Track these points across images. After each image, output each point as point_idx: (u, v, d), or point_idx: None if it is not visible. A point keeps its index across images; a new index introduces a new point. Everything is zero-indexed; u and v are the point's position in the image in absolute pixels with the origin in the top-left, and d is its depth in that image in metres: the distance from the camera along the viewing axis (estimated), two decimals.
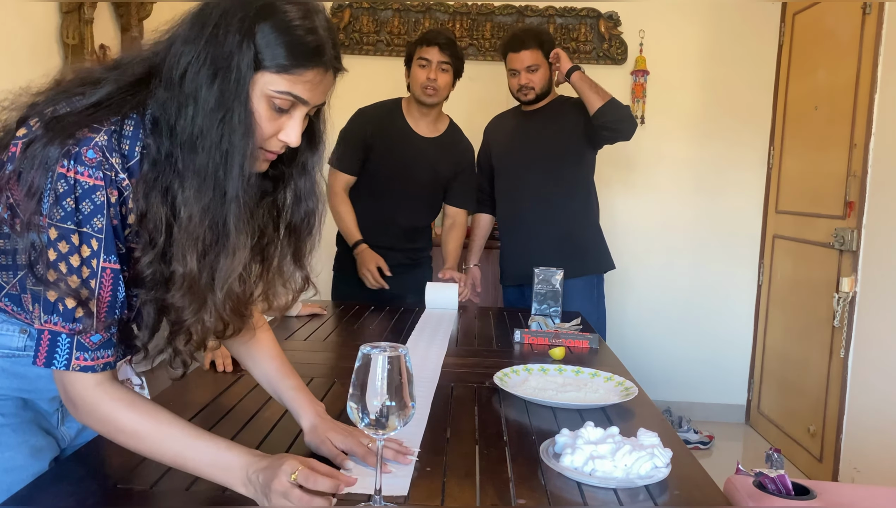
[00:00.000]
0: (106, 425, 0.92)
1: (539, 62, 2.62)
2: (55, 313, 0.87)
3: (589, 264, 2.73)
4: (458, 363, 1.74)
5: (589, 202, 2.78)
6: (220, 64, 0.88)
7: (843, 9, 3.01)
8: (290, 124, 0.95)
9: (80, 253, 0.87)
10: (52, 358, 0.89)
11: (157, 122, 0.91)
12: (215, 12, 0.89)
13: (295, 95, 0.92)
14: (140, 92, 0.92)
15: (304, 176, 1.05)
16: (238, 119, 0.89)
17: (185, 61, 0.89)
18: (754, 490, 1.56)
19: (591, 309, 2.65)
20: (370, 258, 2.49)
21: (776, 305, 3.61)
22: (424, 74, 2.46)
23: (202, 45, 0.88)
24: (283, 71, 0.90)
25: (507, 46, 2.67)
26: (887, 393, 2.55)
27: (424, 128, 2.58)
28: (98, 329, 0.89)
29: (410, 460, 1.11)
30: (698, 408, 3.79)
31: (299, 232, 1.06)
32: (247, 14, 0.88)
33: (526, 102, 2.69)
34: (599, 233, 2.81)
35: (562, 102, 2.73)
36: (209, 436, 0.94)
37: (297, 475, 0.88)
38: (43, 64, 2.59)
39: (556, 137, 2.68)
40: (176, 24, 0.93)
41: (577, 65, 2.61)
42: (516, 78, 2.65)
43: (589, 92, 2.56)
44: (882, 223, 2.66)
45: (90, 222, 0.87)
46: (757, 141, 3.76)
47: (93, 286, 0.88)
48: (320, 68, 0.93)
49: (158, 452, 0.92)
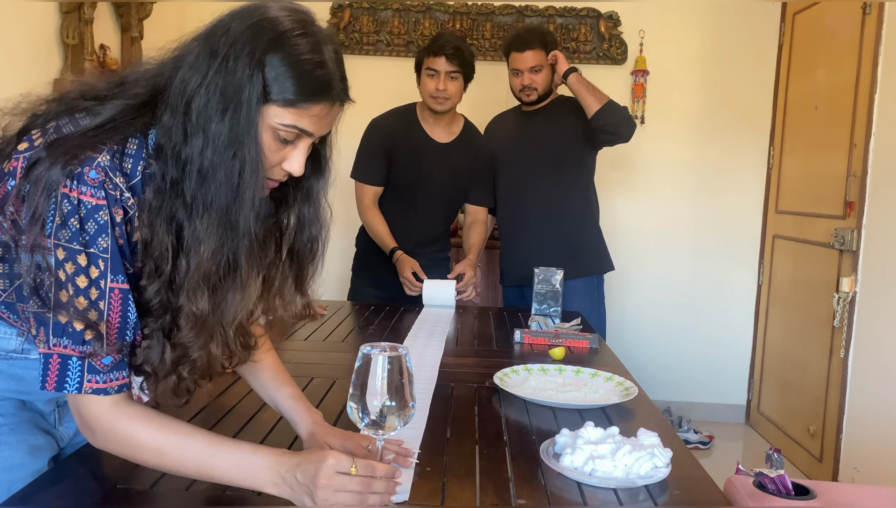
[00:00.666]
0: (125, 445, 0.91)
1: (542, 63, 2.62)
2: (65, 335, 0.86)
3: (589, 265, 2.73)
4: (457, 363, 1.74)
5: (589, 203, 2.77)
6: (231, 97, 0.87)
7: (843, 9, 3.01)
8: (295, 155, 0.94)
9: (87, 274, 0.86)
10: (63, 382, 0.88)
11: (162, 147, 0.90)
12: (224, 40, 0.88)
13: (301, 129, 0.92)
14: (144, 115, 0.92)
15: (309, 203, 1.04)
16: (248, 154, 0.89)
17: (192, 89, 0.88)
18: (754, 490, 1.56)
19: (592, 310, 2.64)
20: (406, 264, 2.49)
21: (776, 305, 3.61)
22: (434, 85, 2.46)
23: (211, 74, 0.88)
24: (290, 105, 0.90)
25: (510, 46, 2.66)
26: (887, 393, 2.55)
27: (440, 133, 2.58)
28: (109, 352, 0.88)
29: (411, 462, 1.10)
30: (698, 408, 3.79)
31: (302, 258, 1.06)
32: (257, 45, 0.88)
33: (528, 102, 2.69)
34: (599, 234, 2.81)
35: (562, 103, 2.73)
36: (232, 441, 0.93)
37: (355, 467, 0.88)
38: (43, 64, 2.59)
39: (557, 138, 2.68)
40: (182, 46, 0.93)
41: (573, 66, 2.61)
42: (519, 78, 2.65)
43: (586, 94, 2.55)
44: (882, 223, 2.66)
45: (96, 243, 0.87)
46: (757, 141, 3.76)
47: (101, 308, 0.87)
48: (327, 102, 0.93)
49: (183, 465, 0.91)
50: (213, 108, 0.87)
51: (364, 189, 2.59)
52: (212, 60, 0.88)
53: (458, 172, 2.61)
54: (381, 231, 2.56)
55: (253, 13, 0.90)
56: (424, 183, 2.57)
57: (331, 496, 0.87)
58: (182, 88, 0.89)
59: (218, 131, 0.87)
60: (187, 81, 0.89)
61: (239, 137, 0.88)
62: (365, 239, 2.66)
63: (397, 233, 2.57)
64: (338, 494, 0.88)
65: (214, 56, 0.88)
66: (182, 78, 0.89)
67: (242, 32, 0.88)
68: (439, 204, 2.64)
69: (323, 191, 1.05)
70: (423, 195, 2.59)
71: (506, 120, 2.85)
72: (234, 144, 0.88)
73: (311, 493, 0.88)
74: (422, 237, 2.62)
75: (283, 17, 0.90)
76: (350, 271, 2.76)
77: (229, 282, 0.92)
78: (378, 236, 2.57)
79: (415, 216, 2.60)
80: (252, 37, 0.88)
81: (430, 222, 2.65)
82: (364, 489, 0.89)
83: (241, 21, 0.90)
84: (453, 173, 2.60)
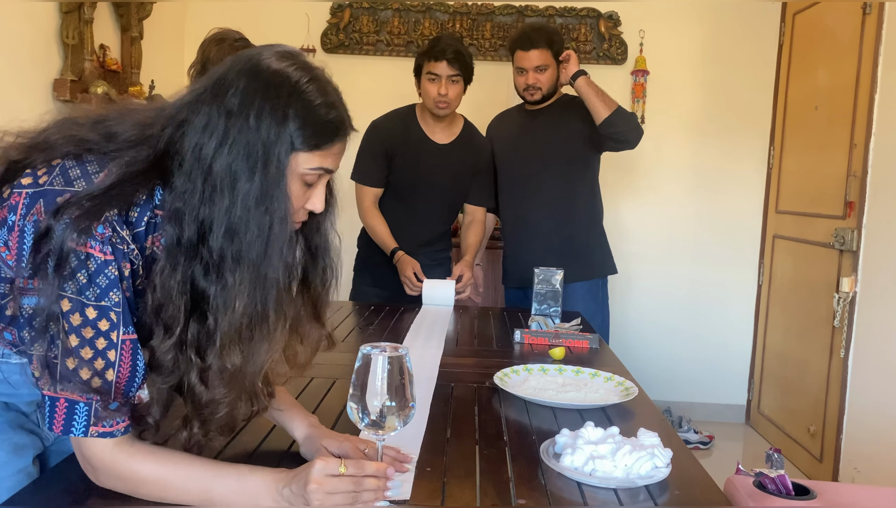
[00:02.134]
0: (127, 481, 0.92)
1: (548, 62, 2.57)
2: (71, 381, 0.87)
3: (593, 268, 2.70)
4: (457, 363, 1.74)
5: (594, 205, 2.74)
6: (258, 155, 0.89)
7: (843, 9, 3.01)
8: (317, 193, 0.98)
9: (94, 326, 0.87)
10: (69, 426, 0.89)
11: (178, 212, 0.90)
12: (238, 99, 0.90)
13: (326, 169, 0.96)
14: (151, 179, 0.92)
15: (318, 234, 1.06)
16: (278, 206, 0.91)
17: (211, 152, 0.89)
18: (754, 490, 1.56)
19: (595, 313, 2.63)
20: (407, 265, 2.49)
21: (776, 305, 3.61)
22: (435, 90, 2.46)
23: (234, 134, 0.89)
24: (316, 149, 0.93)
25: (516, 43, 2.60)
26: (887, 393, 2.55)
27: (440, 134, 2.58)
28: (116, 399, 0.89)
29: (407, 468, 1.10)
30: (698, 408, 3.79)
31: (317, 289, 1.07)
32: (277, 101, 0.90)
33: (531, 102, 2.65)
34: (603, 236, 2.78)
35: (567, 103, 2.68)
36: (230, 465, 0.95)
37: (344, 467, 0.90)
38: (43, 64, 2.60)
39: (562, 139, 2.64)
40: (184, 105, 0.93)
41: (582, 69, 2.57)
42: (523, 77, 2.60)
43: (595, 100, 2.50)
44: (882, 223, 2.66)
45: (107, 296, 0.88)
46: (757, 141, 3.76)
47: (111, 358, 0.88)
48: (343, 139, 0.97)
49: (185, 493, 0.92)
50: (240, 167, 0.89)
51: (364, 191, 2.59)
52: (229, 121, 0.89)
53: (459, 172, 2.61)
54: (382, 232, 2.56)
55: (258, 68, 0.92)
56: (425, 184, 2.57)
57: (324, 498, 0.88)
58: (198, 154, 0.90)
59: (246, 190, 0.89)
60: (203, 144, 0.90)
61: (269, 192, 0.90)
62: (366, 239, 2.67)
63: (398, 234, 2.57)
64: (331, 496, 0.89)
65: (231, 116, 0.89)
66: (197, 143, 0.90)
67: (256, 89, 0.90)
68: (439, 205, 2.64)
69: (331, 223, 1.07)
70: (423, 196, 2.59)
71: (509, 119, 2.81)
72: (265, 199, 0.90)
73: (307, 500, 0.89)
74: (422, 238, 2.62)
75: (287, 68, 0.93)
76: (352, 271, 2.76)
77: (258, 334, 0.93)
78: (378, 237, 2.58)
79: (415, 217, 2.60)
80: (266, 92, 0.90)
81: (431, 222, 2.65)
82: (356, 487, 0.90)
83: (250, 77, 0.91)
84: (453, 174, 2.60)
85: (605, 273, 2.76)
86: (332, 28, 3.75)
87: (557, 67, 2.61)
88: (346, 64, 3.70)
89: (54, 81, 2.62)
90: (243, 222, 0.89)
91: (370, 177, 2.57)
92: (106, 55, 2.94)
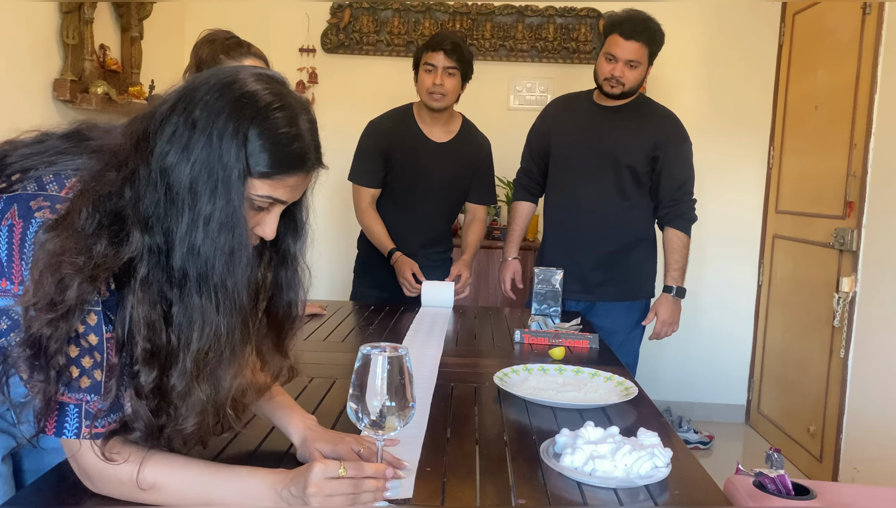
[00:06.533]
0: (123, 486, 0.92)
1: (642, 60, 2.37)
2: (61, 383, 0.87)
3: (640, 289, 2.58)
4: (457, 363, 1.74)
5: (651, 221, 2.58)
6: (218, 176, 0.87)
7: (843, 9, 3.00)
8: (268, 220, 0.95)
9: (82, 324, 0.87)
10: (62, 427, 0.89)
11: (148, 220, 0.88)
12: (205, 114, 0.88)
13: (275, 198, 0.93)
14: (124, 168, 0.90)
15: (286, 265, 1.04)
16: (238, 233, 0.89)
17: (173, 162, 0.87)
18: (754, 490, 1.56)
19: (625, 341, 2.49)
20: (405, 266, 2.47)
21: (776, 305, 3.61)
22: (430, 80, 2.43)
23: (196, 152, 0.87)
24: (266, 177, 0.90)
25: (616, 27, 2.38)
26: (887, 393, 2.55)
27: (438, 132, 2.56)
28: (106, 398, 0.89)
29: (402, 475, 1.08)
30: (698, 408, 3.79)
31: (281, 321, 1.06)
32: (241, 121, 0.88)
33: (610, 95, 2.42)
34: (655, 257, 2.62)
35: (646, 106, 2.51)
36: (228, 468, 0.95)
37: (343, 469, 0.90)
38: (43, 64, 2.60)
39: (634, 145, 2.44)
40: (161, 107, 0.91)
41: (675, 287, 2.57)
42: (611, 64, 2.37)
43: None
44: (882, 223, 2.66)
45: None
46: (757, 141, 3.76)
47: (97, 359, 0.88)
48: (302, 173, 0.94)
49: (183, 498, 0.92)
50: (201, 188, 0.87)
51: (361, 192, 2.57)
52: (193, 134, 0.88)
53: (458, 171, 2.59)
54: (379, 233, 2.55)
55: (232, 86, 0.90)
56: (424, 183, 2.56)
57: (324, 501, 0.89)
58: (162, 162, 0.88)
59: (207, 211, 0.87)
60: (167, 152, 0.88)
61: (230, 217, 0.88)
62: (366, 241, 2.65)
63: (399, 235, 2.55)
64: (331, 499, 0.89)
65: (195, 129, 0.88)
66: (163, 150, 0.88)
67: (223, 107, 0.88)
68: (439, 204, 2.63)
69: (301, 254, 1.05)
70: (422, 196, 2.57)
71: (576, 107, 2.56)
72: (228, 224, 0.88)
73: (307, 503, 0.89)
74: (423, 238, 2.61)
75: (261, 91, 0.90)
76: (352, 273, 2.76)
77: (223, 357, 0.92)
78: (376, 238, 2.56)
79: (415, 217, 2.58)
80: (232, 111, 0.88)
81: (431, 222, 2.63)
82: (355, 489, 0.90)
83: (221, 93, 0.89)
84: (453, 172, 2.58)
85: (647, 296, 2.62)
86: (332, 28, 3.75)
87: (648, 69, 2.44)
88: (346, 64, 3.70)
89: (54, 81, 2.62)
90: (203, 246, 0.88)
91: (367, 178, 2.56)
92: (106, 55, 2.94)
